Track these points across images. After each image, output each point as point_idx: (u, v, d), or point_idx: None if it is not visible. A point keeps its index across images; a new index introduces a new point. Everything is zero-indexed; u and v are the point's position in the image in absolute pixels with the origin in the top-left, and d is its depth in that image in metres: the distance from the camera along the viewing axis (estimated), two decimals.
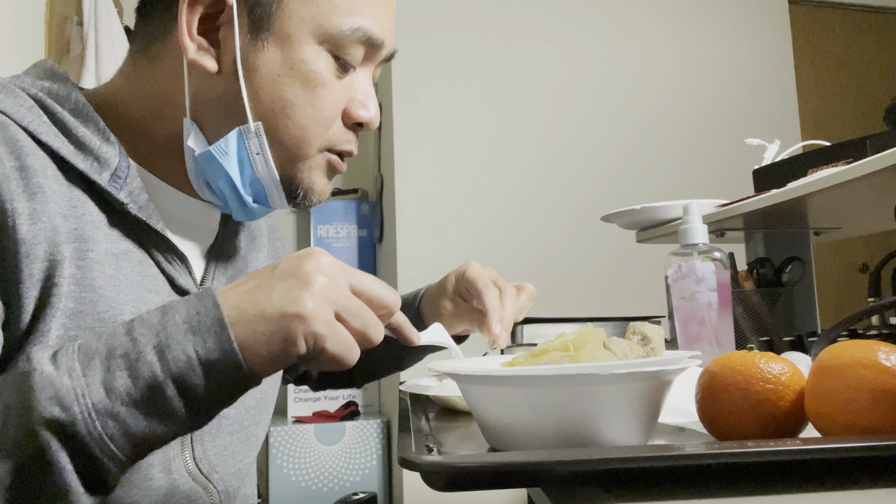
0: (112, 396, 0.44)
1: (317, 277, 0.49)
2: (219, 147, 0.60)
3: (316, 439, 2.44)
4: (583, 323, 1.03)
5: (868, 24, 3.21)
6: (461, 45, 2.47)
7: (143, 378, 0.45)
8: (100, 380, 0.44)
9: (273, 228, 0.84)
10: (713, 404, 0.49)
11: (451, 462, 0.41)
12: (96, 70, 1.78)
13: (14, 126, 0.54)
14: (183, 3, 0.58)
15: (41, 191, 0.53)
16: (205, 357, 0.46)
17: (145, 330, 0.47)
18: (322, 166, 0.65)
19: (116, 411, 0.44)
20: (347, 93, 0.64)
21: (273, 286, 0.48)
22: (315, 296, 0.48)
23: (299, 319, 0.47)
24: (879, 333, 0.95)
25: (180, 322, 0.47)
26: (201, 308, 0.47)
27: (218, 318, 0.47)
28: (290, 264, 0.50)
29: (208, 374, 0.46)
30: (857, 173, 0.84)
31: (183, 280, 0.63)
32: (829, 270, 3.00)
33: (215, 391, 0.47)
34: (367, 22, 0.62)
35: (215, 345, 0.46)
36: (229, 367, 0.46)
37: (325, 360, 0.49)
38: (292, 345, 0.47)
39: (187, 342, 0.46)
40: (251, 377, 0.48)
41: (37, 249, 0.51)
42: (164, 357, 0.45)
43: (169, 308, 0.48)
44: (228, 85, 0.60)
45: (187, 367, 0.46)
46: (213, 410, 0.49)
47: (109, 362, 0.45)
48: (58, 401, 0.43)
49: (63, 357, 0.45)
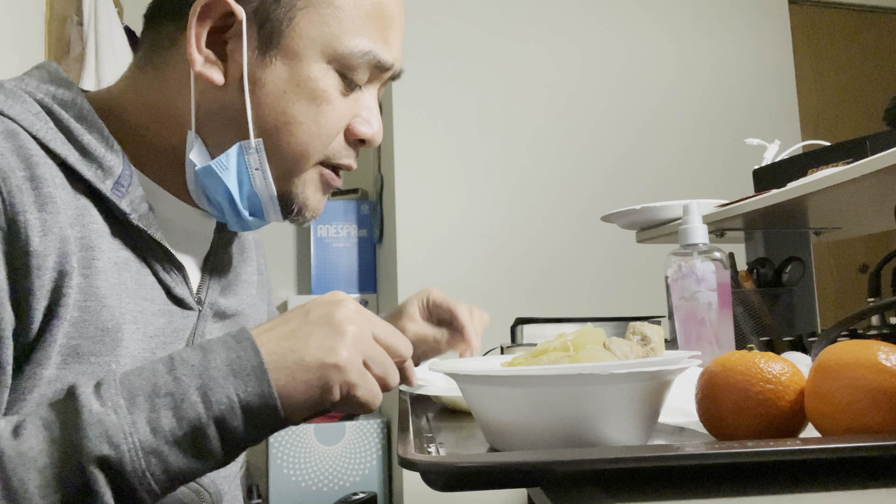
0: (158, 435, 0.46)
1: (349, 327, 0.51)
2: (219, 162, 0.60)
3: (316, 439, 2.44)
4: (583, 323, 1.03)
5: (868, 24, 3.21)
6: (461, 44, 2.47)
7: (187, 419, 0.47)
8: (146, 418, 0.46)
9: (258, 243, 0.85)
10: (713, 404, 0.49)
11: (451, 462, 0.41)
12: (96, 70, 1.78)
13: (24, 134, 0.53)
14: (193, 15, 0.58)
15: (52, 201, 0.53)
16: (245, 401, 0.48)
17: (187, 370, 0.48)
18: (315, 181, 0.65)
19: (161, 450, 0.46)
20: (352, 110, 0.64)
21: (310, 334, 0.50)
22: (349, 346, 0.50)
23: (336, 369, 0.49)
24: (879, 333, 0.95)
25: (221, 364, 0.48)
26: (241, 352, 0.49)
27: (258, 363, 0.49)
28: (322, 311, 0.52)
29: (247, 418, 0.48)
30: (857, 173, 0.84)
31: (179, 290, 0.63)
32: (829, 270, 3.00)
33: (250, 433, 0.49)
34: (376, 46, 0.62)
35: (256, 389, 0.48)
36: (267, 412, 0.48)
37: (354, 405, 0.51)
38: (328, 392, 0.50)
39: (229, 385, 0.48)
40: (285, 421, 0.50)
41: (47, 261, 0.52)
42: (208, 399, 0.47)
43: (208, 349, 0.50)
44: (233, 98, 0.60)
45: (229, 409, 0.47)
46: (243, 449, 0.51)
47: (154, 401, 0.47)
48: (107, 439, 0.44)
49: (107, 393, 0.46)
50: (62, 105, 0.57)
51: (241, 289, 0.74)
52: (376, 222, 2.68)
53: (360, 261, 2.79)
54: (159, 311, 0.61)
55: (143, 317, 0.59)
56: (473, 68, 2.48)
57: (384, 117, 2.47)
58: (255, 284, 0.79)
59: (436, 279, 2.33)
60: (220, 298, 0.70)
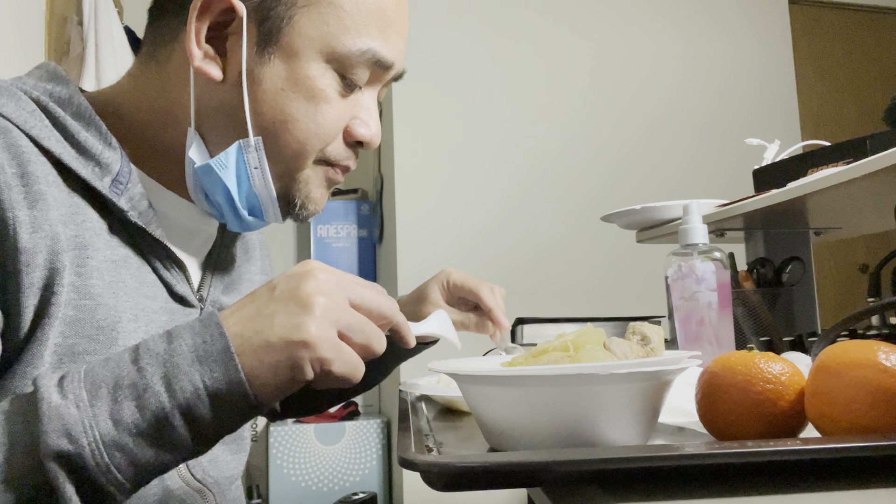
0: (119, 428, 0.44)
1: (317, 299, 0.48)
2: (219, 161, 0.60)
3: (316, 439, 2.44)
4: (583, 323, 1.03)
5: (868, 24, 3.21)
6: (461, 44, 2.47)
7: (150, 409, 0.45)
8: (107, 411, 0.44)
9: (263, 245, 0.84)
10: (713, 404, 0.49)
11: (451, 462, 0.41)
12: (96, 70, 1.78)
13: (16, 131, 0.53)
14: (193, 10, 0.58)
15: (42, 198, 0.52)
16: (212, 387, 0.46)
17: (151, 359, 0.46)
18: (319, 178, 0.65)
19: (124, 442, 0.44)
20: (351, 111, 0.64)
21: (274, 312, 0.48)
22: (317, 319, 0.47)
23: (304, 346, 0.47)
24: (879, 333, 0.95)
25: (186, 351, 0.46)
26: (207, 336, 0.47)
27: (224, 347, 0.46)
28: (287, 285, 0.49)
29: (215, 405, 0.46)
30: (857, 173, 0.84)
31: (180, 287, 0.63)
32: (829, 270, 3.00)
33: (221, 420, 0.47)
34: (376, 44, 0.62)
35: (223, 375, 0.46)
36: (236, 398, 0.46)
37: (332, 381, 0.49)
38: (299, 372, 0.47)
39: (194, 372, 0.46)
40: (257, 406, 0.47)
41: (37, 259, 0.51)
42: (172, 388, 0.45)
43: (175, 335, 0.48)
44: (232, 95, 0.60)
45: (194, 397, 0.45)
46: (217, 438, 0.49)
47: (116, 392, 0.45)
48: (66, 433, 0.43)
49: (69, 385, 0.45)
50: (59, 103, 0.57)
51: (244, 288, 0.74)
52: (376, 222, 2.68)
53: (360, 261, 2.79)
54: (161, 308, 0.61)
55: (144, 315, 0.59)
56: (474, 68, 2.48)
57: (384, 117, 2.47)
58: (259, 284, 0.79)
59: None
60: (222, 296, 0.69)
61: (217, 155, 0.60)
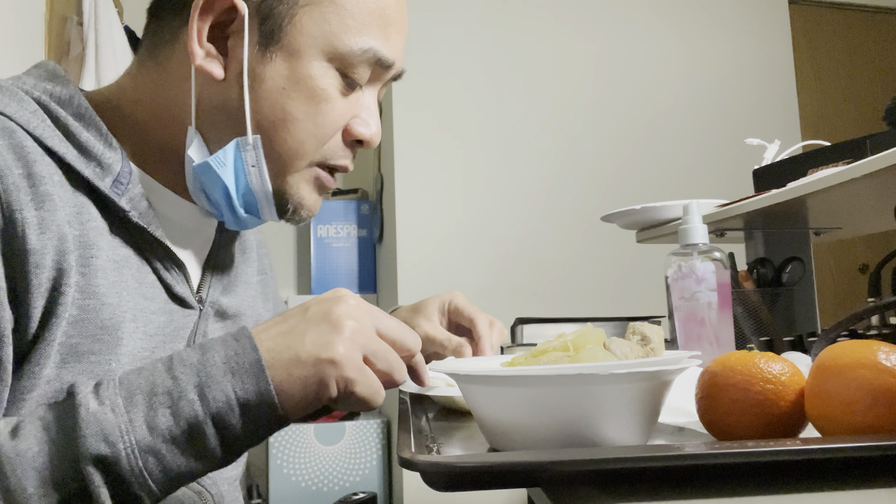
0: (154, 434, 0.45)
1: (347, 322, 0.50)
2: (217, 158, 0.60)
3: (316, 439, 2.44)
4: (583, 323, 1.03)
5: (868, 24, 3.21)
6: (461, 43, 2.47)
7: (184, 416, 0.46)
8: (143, 417, 0.46)
9: (261, 244, 0.84)
10: (713, 404, 0.49)
11: (451, 462, 0.41)
12: (96, 70, 1.78)
13: (21, 132, 0.53)
14: (195, 9, 0.58)
15: (49, 199, 0.52)
16: (243, 398, 0.47)
17: (185, 369, 0.48)
18: (310, 180, 0.65)
19: (158, 448, 0.45)
20: (351, 110, 0.64)
21: (306, 330, 0.50)
22: (346, 341, 0.50)
23: (332, 364, 0.49)
24: (879, 333, 0.95)
25: (219, 362, 0.48)
26: (239, 349, 0.49)
27: (256, 360, 0.48)
28: (320, 308, 0.51)
29: (245, 415, 0.48)
30: (857, 173, 0.84)
31: (180, 288, 0.63)
32: (829, 270, 3.00)
33: (250, 431, 0.48)
34: (377, 43, 0.62)
35: (253, 386, 0.48)
36: (265, 409, 0.48)
37: (354, 402, 0.51)
38: (325, 388, 0.49)
39: (226, 383, 0.47)
40: (284, 419, 0.49)
41: (45, 259, 0.51)
42: (205, 397, 0.47)
43: (207, 347, 0.49)
44: (233, 94, 0.60)
45: (226, 407, 0.47)
46: (244, 448, 0.50)
47: (151, 399, 0.46)
48: (104, 437, 0.44)
49: (105, 392, 0.46)
50: (59, 103, 0.57)
51: (241, 289, 0.74)
52: (376, 222, 2.68)
53: (360, 261, 2.79)
54: (160, 309, 0.61)
55: (143, 315, 0.59)
56: (474, 68, 2.48)
57: (384, 117, 2.47)
58: (256, 285, 0.78)
59: (436, 279, 2.33)
60: (221, 297, 0.69)
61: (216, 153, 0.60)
